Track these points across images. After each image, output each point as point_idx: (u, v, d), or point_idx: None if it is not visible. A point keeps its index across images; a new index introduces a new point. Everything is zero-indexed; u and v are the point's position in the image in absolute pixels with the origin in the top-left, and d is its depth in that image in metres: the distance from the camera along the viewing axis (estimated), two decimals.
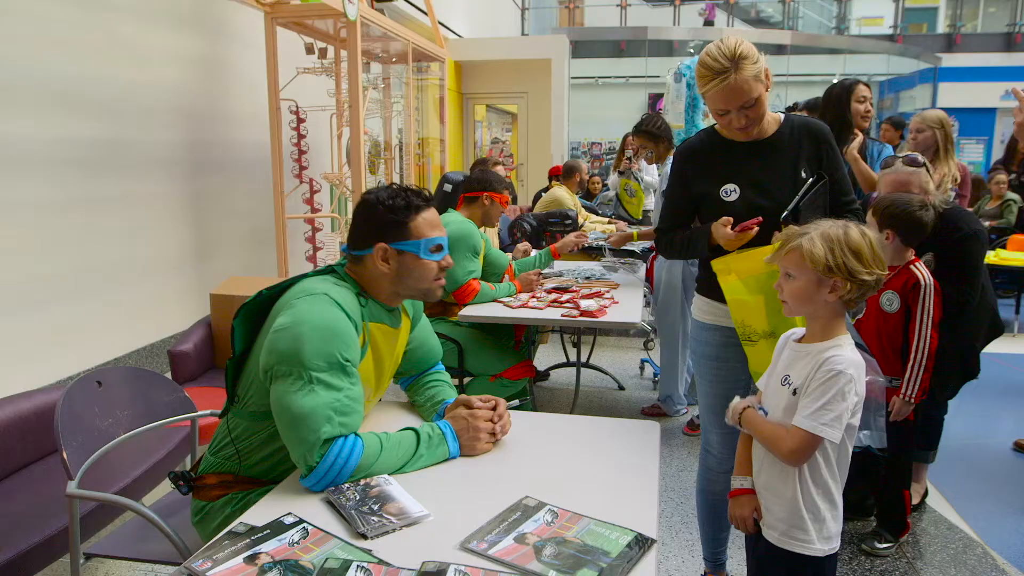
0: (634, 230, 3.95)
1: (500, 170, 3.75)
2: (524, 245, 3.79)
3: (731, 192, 1.90)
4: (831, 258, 1.41)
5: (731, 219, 1.84)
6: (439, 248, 1.59)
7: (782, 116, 1.96)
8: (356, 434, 1.42)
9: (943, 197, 2.48)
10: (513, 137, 10.61)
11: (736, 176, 1.90)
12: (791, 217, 1.80)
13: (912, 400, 2.29)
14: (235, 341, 1.51)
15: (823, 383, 1.39)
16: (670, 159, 3.54)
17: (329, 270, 1.59)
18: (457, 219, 3.09)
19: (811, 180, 1.87)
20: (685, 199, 1.99)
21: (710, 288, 2.01)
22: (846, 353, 1.42)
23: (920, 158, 2.47)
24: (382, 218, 1.54)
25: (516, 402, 1.71)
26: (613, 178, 5.43)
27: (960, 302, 2.38)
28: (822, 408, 1.39)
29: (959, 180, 3.03)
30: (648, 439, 1.61)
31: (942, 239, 2.38)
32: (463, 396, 1.68)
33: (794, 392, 1.46)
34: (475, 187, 3.20)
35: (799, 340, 1.53)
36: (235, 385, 1.55)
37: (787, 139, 1.91)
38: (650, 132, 3.60)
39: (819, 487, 1.48)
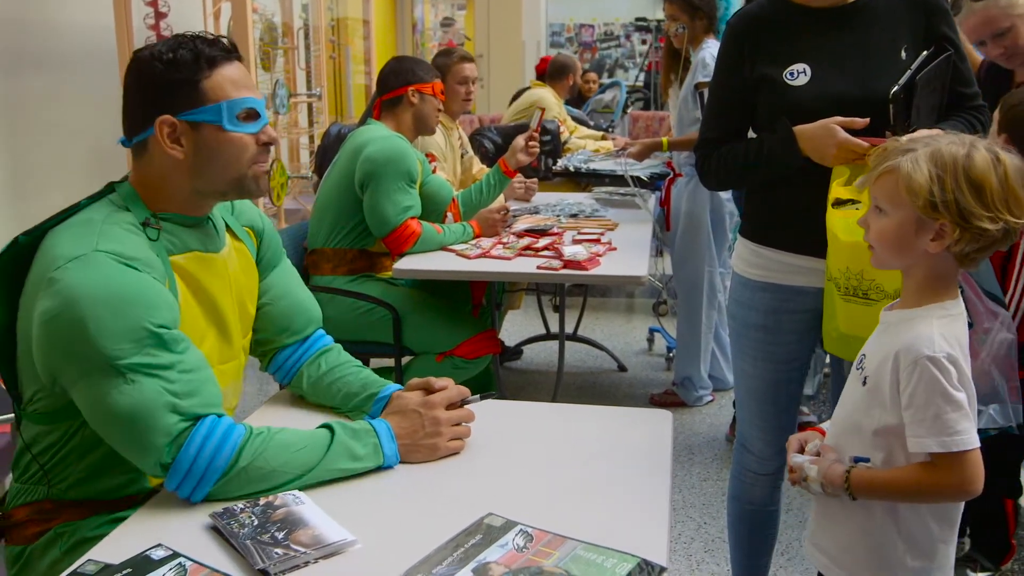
0: (663, 137, 3.97)
1: (469, 67, 3.71)
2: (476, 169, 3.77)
3: (798, 73, 1.91)
4: (938, 190, 1.31)
5: (844, 119, 1.80)
6: (252, 114, 1.51)
7: None
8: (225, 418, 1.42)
9: None
10: (468, 18, 10.46)
11: (807, 52, 1.92)
12: (903, 97, 1.81)
13: None
14: None
15: (919, 383, 1.33)
16: (707, 44, 3.57)
17: (107, 191, 1.53)
18: (380, 134, 3.04)
19: (930, 51, 1.89)
20: (740, 90, 2.00)
21: (761, 228, 2.02)
22: (932, 330, 1.36)
23: None
24: (161, 79, 1.46)
25: (477, 397, 1.70)
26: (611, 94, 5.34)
27: None
28: (938, 419, 1.32)
29: None
30: (658, 435, 1.64)
31: None
32: (419, 380, 1.66)
33: (864, 382, 1.42)
34: (392, 83, 3.15)
35: (891, 306, 1.49)
36: (14, 377, 1.52)
37: (881, 5, 1.94)
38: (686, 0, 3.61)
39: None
